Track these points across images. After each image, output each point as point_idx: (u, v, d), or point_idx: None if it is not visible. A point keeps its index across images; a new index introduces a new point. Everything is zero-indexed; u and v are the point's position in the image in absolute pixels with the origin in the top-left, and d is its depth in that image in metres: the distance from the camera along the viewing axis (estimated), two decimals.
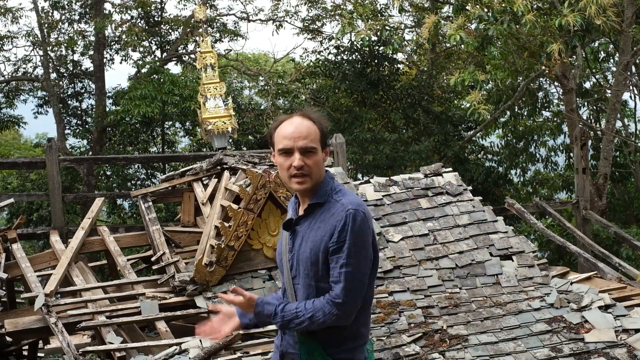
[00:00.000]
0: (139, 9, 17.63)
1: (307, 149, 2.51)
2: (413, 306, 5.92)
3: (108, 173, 18.20)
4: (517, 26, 9.74)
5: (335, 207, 2.52)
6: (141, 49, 18.29)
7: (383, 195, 7.04)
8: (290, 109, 17.42)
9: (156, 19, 18.16)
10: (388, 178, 7.44)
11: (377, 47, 14.85)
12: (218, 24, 18.69)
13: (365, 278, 2.54)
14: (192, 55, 18.10)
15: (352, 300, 2.49)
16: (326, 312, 2.48)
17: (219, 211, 6.85)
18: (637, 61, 13.82)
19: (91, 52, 17.98)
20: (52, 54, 18.16)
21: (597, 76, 16.11)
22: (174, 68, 19.02)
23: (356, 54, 15.38)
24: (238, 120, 13.81)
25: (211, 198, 7.46)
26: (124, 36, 17.07)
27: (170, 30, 18.61)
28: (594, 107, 16.62)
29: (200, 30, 11.68)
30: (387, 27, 13.47)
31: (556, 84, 15.25)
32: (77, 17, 18.26)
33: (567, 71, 12.60)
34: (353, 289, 2.49)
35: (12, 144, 22.23)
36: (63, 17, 18.21)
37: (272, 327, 5.75)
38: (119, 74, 22.05)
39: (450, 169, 7.66)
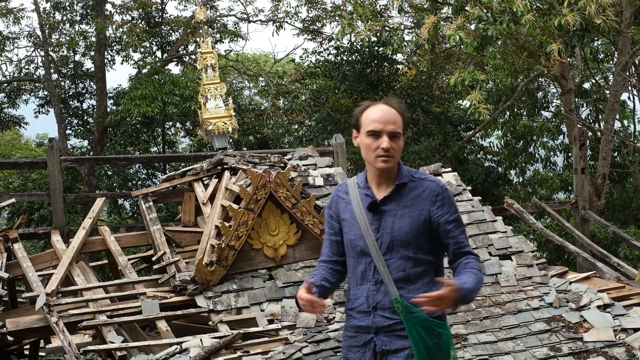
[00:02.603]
0: (140, 10, 17.67)
1: (394, 134, 2.77)
2: None
3: (109, 173, 18.23)
4: (517, 26, 9.76)
5: (424, 184, 2.84)
6: (142, 50, 18.34)
7: None
8: (290, 109, 17.45)
9: (157, 19, 18.20)
10: None
11: (376, 48, 14.88)
12: (218, 25, 18.73)
13: None
14: (193, 56, 18.13)
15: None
16: (479, 267, 2.82)
17: (220, 211, 6.88)
18: (636, 62, 13.85)
19: (92, 53, 18.03)
20: (53, 55, 18.21)
21: (596, 77, 16.13)
22: (175, 68, 19.08)
23: (356, 54, 15.40)
24: (238, 120, 13.84)
25: (212, 198, 7.48)
26: (124, 37, 17.10)
27: (170, 31, 18.65)
28: (594, 108, 16.64)
29: (201, 31, 11.71)
30: (386, 28, 13.49)
31: (555, 84, 15.28)
32: (78, 18, 18.31)
33: (566, 71, 12.62)
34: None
35: (13, 144, 22.25)
36: (64, 18, 18.26)
37: (272, 326, 5.81)
38: (119, 75, 22.17)
39: (450, 169, 7.68)
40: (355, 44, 14.93)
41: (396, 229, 2.77)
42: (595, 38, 13.37)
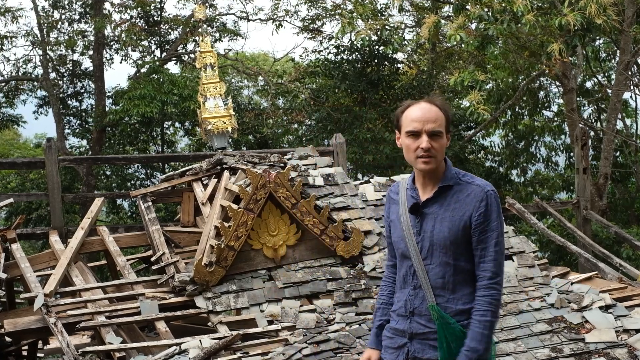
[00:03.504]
0: (139, 9, 17.63)
1: (434, 133, 2.66)
2: None
3: (107, 173, 18.21)
4: (517, 26, 9.72)
5: (469, 188, 2.70)
6: (141, 49, 18.30)
7: (383, 195, 7.03)
8: (290, 108, 17.41)
9: (155, 18, 18.16)
10: (388, 178, 7.43)
11: (377, 47, 14.84)
12: (218, 24, 18.69)
13: None
14: (192, 55, 18.10)
15: (502, 272, 2.70)
16: (495, 298, 2.65)
17: (219, 211, 6.84)
18: (639, 61, 13.81)
19: (91, 52, 17.98)
20: (51, 54, 18.17)
21: (598, 76, 16.09)
22: (174, 68, 19.05)
23: (356, 53, 15.36)
24: (238, 120, 13.80)
25: (211, 198, 7.44)
26: (123, 36, 17.07)
27: (169, 30, 18.61)
28: (595, 107, 16.61)
29: (200, 29, 11.67)
30: (387, 27, 13.47)
31: (557, 83, 15.24)
32: (76, 17, 18.27)
33: (568, 71, 12.59)
34: (502, 262, 2.70)
35: (11, 144, 22.23)
36: (62, 17, 18.21)
37: (272, 327, 5.77)
38: (118, 74, 22.10)
39: None
40: (355, 42, 14.90)
41: (436, 233, 2.68)
42: (597, 37, 13.33)
